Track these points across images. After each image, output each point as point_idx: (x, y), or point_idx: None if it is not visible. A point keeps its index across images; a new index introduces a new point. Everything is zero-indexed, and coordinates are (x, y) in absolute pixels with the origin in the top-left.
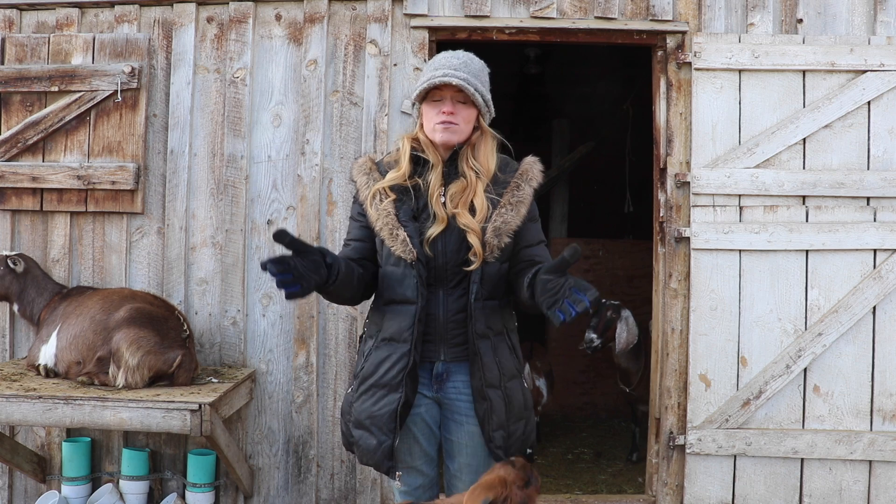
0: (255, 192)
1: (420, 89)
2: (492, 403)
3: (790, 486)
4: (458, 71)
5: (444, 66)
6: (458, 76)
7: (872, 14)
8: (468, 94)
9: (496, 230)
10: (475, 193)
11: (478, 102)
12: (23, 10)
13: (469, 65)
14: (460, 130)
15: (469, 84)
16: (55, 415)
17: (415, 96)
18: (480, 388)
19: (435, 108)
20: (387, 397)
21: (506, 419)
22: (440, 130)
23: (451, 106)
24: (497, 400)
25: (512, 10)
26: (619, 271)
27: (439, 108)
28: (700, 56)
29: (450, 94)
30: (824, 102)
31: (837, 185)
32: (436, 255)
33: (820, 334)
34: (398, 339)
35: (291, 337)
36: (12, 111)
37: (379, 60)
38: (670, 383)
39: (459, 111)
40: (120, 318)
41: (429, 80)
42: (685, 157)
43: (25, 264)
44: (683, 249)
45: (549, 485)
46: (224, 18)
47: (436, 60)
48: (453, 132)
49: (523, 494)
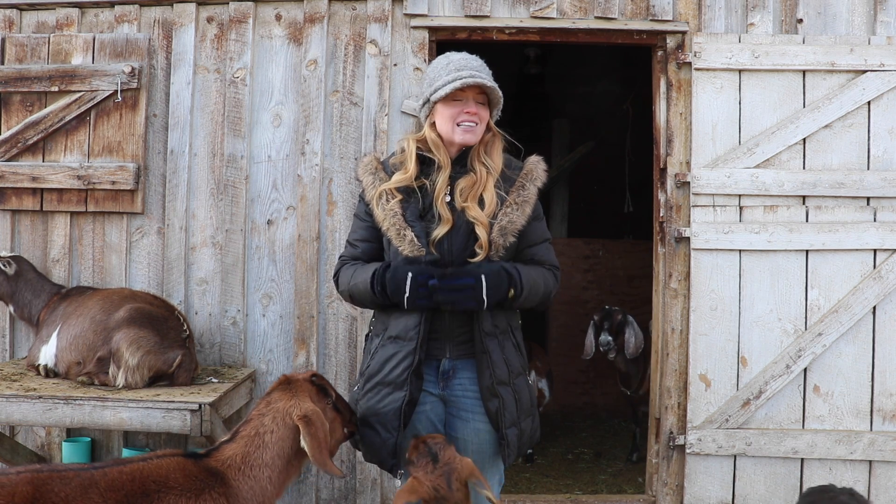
0: (255, 192)
1: (446, 91)
2: (503, 401)
3: (790, 486)
4: (480, 72)
5: (468, 68)
6: (482, 77)
7: (872, 14)
8: (495, 95)
9: (502, 229)
10: (485, 188)
11: (499, 104)
12: (23, 10)
13: (485, 68)
14: (479, 131)
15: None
16: (55, 415)
17: (441, 95)
18: (491, 386)
19: (454, 108)
20: (392, 395)
21: (517, 416)
22: (461, 132)
23: (475, 106)
24: (508, 397)
25: (512, 10)
26: (619, 271)
27: (460, 108)
28: (700, 56)
29: (472, 94)
30: (824, 102)
31: (837, 185)
32: (442, 255)
33: (820, 334)
34: (404, 337)
35: (291, 337)
36: (12, 111)
37: (379, 60)
38: (670, 383)
39: (479, 111)
40: (120, 318)
41: (455, 81)
42: (685, 157)
43: (18, 266)
44: (683, 249)
45: (548, 485)
46: (224, 18)
47: (453, 61)
48: (474, 133)
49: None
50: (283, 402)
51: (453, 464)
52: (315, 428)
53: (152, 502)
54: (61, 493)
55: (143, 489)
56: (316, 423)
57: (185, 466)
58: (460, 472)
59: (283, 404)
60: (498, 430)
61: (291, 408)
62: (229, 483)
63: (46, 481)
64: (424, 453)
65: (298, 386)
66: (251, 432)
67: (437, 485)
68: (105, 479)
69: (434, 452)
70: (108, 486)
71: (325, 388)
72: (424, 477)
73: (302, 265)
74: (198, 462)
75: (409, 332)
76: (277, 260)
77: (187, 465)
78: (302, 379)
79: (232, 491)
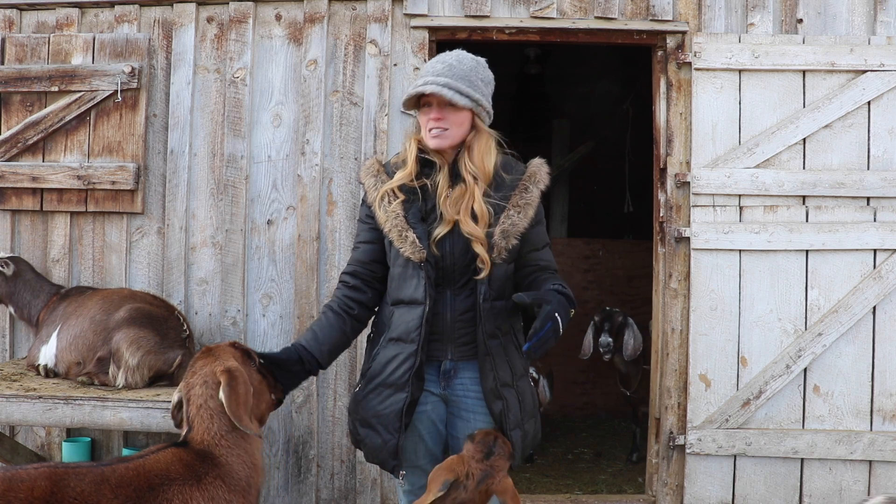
0: (255, 192)
1: (404, 101)
2: (507, 402)
3: (790, 486)
4: (439, 76)
5: (428, 73)
6: (437, 83)
7: (872, 14)
8: (447, 98)
9: (504, 232)
10: (474, 199)
11: (462, 104)
12: (23, 10)
13: (455, 67)
14: (451, 135)
15: (451, 88)
16: (55, 415)
17: (403, 107)
18: (495, 388)
19: (425, 115)
20: (393, 396)
21: (521, 417)
22: (431, 137)
23: (438, 112)
24: (512, 399)
25: (512, 10)
26: (619, 271)
27: (428, 115)
28: (700, 56)
29: (436, 100)
30: (824, 102)
31: (837, 185)
32: (443, 256)
33: (820, 334)
34: (405, 339)
35: (291, 337)
36: (12, 111)
37: (379, 60)
38: (670, 383)
39: (448, 115)
40: (120, 318)
41: (409, 92)
42: (685, 157)
43: (16, 267)
44: (683, 249)
45: (548, 485)
46: (224, 18)
47: (425, 67)
48: (444, 138)
49: (484, 466)
50: (208, 366)
51: (496, 472)
52: (236, 382)
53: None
54: (77, 489)
55: (149, 483)
56: (238, 378)
57: (181, 457)
58: (494, 483)
59: (207, 368)
60: (503, 433)
61: (215, 366)
62: (219, 462)
63: (63, 477)
64: (485, 444)
65: (220, 350)
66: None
67: (471, 473)
68: (114, 476)
69: (491, 450)
70: (118, 483)
71: (248, 352)
72: (468, 460)
73: (302, 265)
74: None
75: (410, 334)
76: (277, 260)
77: (182, 455)
78: (223, 345)
79: (224, 469)
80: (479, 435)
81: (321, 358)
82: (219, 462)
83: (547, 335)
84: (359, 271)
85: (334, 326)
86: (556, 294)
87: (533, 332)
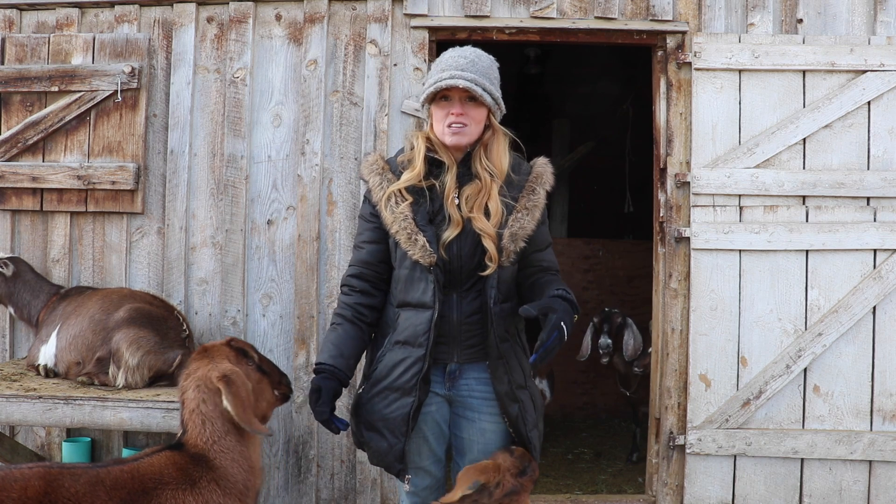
0: (255, 192)
1: (427, 92)
2: (523, 404)
3: (790, 486)
4: (465, 71)
5: (451, 67)
6: (465, 77)
7: (872, 14)
8: (476, 95)
9: (513, 235)
10: (490, 196)
11: (487, 102)
12: (23, 10)
13: (477, 63)
14: (470, 132)
15: (477, 84)
16: (55, 415)
17: (423, 98)
18: (511, 392)
19: (444, 110)
20: (400, 400)
21: (535, 417)
22: (450, 133)
23: (460, 107)
24: (527, 400)
25: (512, 10)
26: (619, 271)
27: (448, 109)
28: (700, 56)
29: (458, 94)
30: (824, 102)
31: (837, 185)
32: (451, 259)
33: (820, 334)
34: (413, 343)
35: (291, 337)
36: (12, 111)
37: (379, 60)
38: (670, 383)
39: (469, 111)
40: (119, 318)
41: (435, 84)
42: (685, 157)
43: (15, 267)
44: (683, 249)
45: (549, 485)
46: (224, 18)
47: (442, 60)
48: (463, 134)
49: (516, 482)
50: (202, 369)
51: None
52: (236, 387)
53: (151, 499)
54: (71, 489)
55: (143, 487)
56: (236, 381)
57: (176, 460)
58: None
59: (201, 371)
60: (520, 435)
61: (210, 371)
62: (214, 465)
63: (57, 477)
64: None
65: (215, 351)
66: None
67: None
68: (109, 478)
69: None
70: (112, 485)
71: (244, 350)
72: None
73: (302, 265)
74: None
75: (418, 338)
76: (277, 260)
77: (177, 459)
78: (219, 344)
79: (219, 473)
80: (518, 451)
81: (349, 372)
82: (213, 465)
83: (553, 345)
84: (365, 273)
85: (355, 339)
86: (560, 301)
87: (540, 343)
